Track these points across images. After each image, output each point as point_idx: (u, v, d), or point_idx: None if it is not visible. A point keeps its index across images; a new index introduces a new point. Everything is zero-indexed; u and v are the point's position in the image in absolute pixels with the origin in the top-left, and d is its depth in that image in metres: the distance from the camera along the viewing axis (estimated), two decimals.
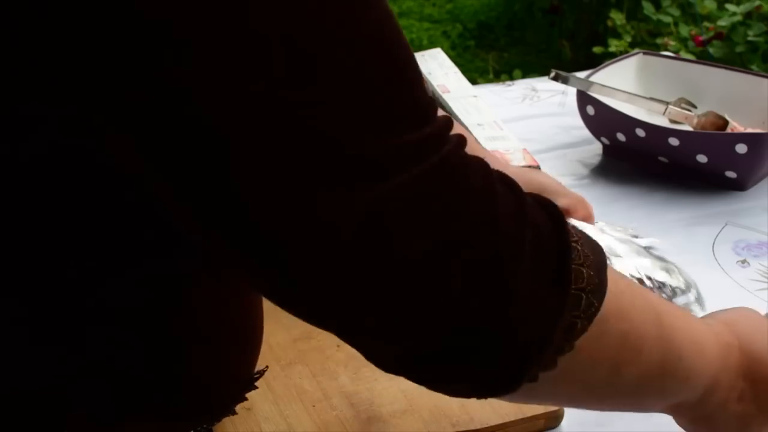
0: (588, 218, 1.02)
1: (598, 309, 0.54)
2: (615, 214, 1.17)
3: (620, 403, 0.64)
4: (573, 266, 0.53)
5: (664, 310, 0.61)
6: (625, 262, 0.93)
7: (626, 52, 2.60)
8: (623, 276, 0.60)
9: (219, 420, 0.73)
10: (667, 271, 0.93)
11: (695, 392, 0.63)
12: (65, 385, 0.61)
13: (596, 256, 0.55)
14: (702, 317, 0.67)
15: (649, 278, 0.91)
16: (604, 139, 1.31)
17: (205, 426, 0.69)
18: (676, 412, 0.66)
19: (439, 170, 0.50)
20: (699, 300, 0.93)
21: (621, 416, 0.86)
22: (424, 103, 0.51)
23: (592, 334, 0.54)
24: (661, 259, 0.95)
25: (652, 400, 0.64)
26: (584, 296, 0.53)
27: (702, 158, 1.21)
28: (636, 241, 1.11)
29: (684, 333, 0.61)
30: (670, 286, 0.91)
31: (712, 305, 0.96)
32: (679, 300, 0.91)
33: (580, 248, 0.54)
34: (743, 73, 1.38)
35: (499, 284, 0.51)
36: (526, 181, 0.97)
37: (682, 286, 0.92)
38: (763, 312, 0.87)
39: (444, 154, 0.50)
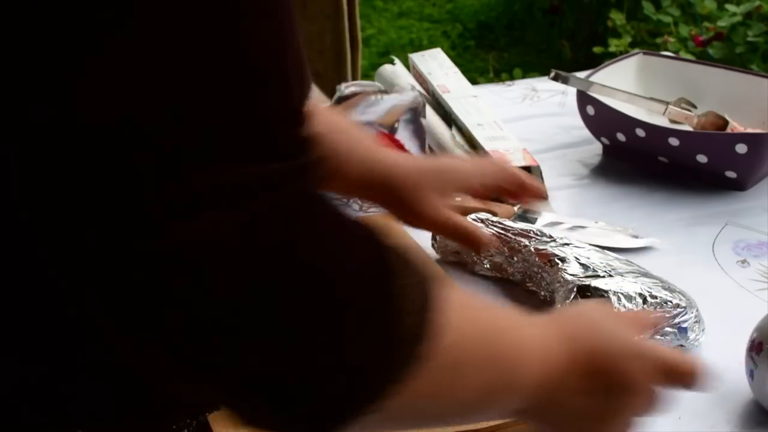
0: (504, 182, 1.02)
1: (423, 356, 0.53)
2: (615, 214, 1.17)
3: (448, 424, 0.67)
4: (400, 315, 0.51)
5: (494, 329, 0.61)
6: (628, 280, 0.93)
7: (626, 52, 2.60)
8: (457, 306, 0.57)
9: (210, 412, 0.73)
10: (669, 290, 0.93)
11: (527, 401, 0.63)
12: (65, 384, 0.61)
13: (426, 298, 0.54)
14: (534, 318, 0.67)
15: (653, 296, 0.91)
16: (604, 139, 1.31)
17: (190, 421, 0.69)
18: (515, 416, 0.67)
19: (275, 209, 0.48)
20: (698, 321, 0.92)
21: None
22: (284, 137, 0.49)
23: (416, 378, 0.53)
24: (661, 279, 0.95)
25: (483, 417, 0.66)
26: (411, 344, 0.52)
27: (702, 158, 1.21)
28: (637, 242, 1.11)
29: (515, 349, 0.61)
30: (671, 302, 0.91)
31: (711, 305, 0.96)
32: (681, 318, 0.91)
33: (409, 293, 0.52)
34: (743, 73, 1.38)
35: (321, 332, 0.49)
36: (422, 168, 1.00)
37: (683, 304, 0.92)
38: (763, 312, 0.88)
39: (286, 192, 0.49)
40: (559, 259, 0.97)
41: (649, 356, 0.66)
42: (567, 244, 1.00)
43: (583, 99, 1.29)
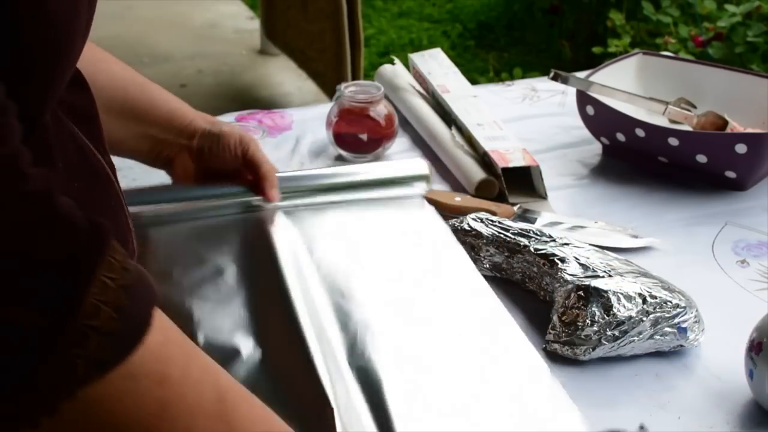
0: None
1: (115, 359, 0.49)
2: (615, 214, 1.17)
3: None
4: (89, 299, 0.48)
5: (230, 391, 0.57)
6: (627, 280, 0.93)
7: (626, 52, 2.60)
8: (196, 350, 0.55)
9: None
10: (669, 290, 0.93)
11: None
12: None
13: (138, 306, 0.51)
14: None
15: (652, 296, 0.91)
16: (603, 139, 1.31)
17: None
18: None
19: None
20: (698, 321, 0.92)
21: (620, 416, 0.86)
22: None
23: (111, 390, 0.49)
24: (661, 279, 0.95)
25: None
26: (94, 336, 0.48)
27: (702, 158, 1.21)
28: (636, 242, 1.11)
29: (251, 423, 0.57)
30: (671, 302, 0.91)
31: (711, 305, 0.96)
32: (681, 318, 0.91)
33: (113, 287, 0.49)
34: (743, 73, 1.38)
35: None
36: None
37: (683, 304, 0.91)
38: (763, 312, 0.88)
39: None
40: (558, 259, 0.97)
41: None
42: (567, 244, 1.00)
43: (583, 99, 1.29)
